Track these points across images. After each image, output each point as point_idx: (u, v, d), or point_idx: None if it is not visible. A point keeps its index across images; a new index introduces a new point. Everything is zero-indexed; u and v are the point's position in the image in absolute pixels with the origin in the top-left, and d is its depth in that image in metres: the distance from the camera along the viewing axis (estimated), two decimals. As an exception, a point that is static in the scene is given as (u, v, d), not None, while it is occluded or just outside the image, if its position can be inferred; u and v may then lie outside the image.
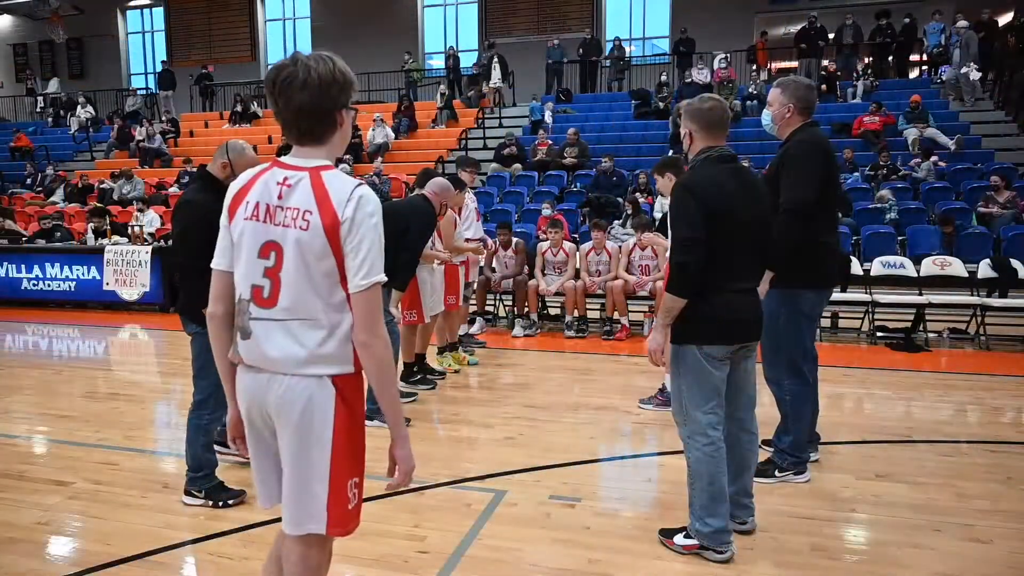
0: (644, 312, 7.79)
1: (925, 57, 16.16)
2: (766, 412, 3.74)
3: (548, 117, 15.58)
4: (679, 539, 3.07)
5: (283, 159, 1.86)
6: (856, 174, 11.74)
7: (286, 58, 1.79)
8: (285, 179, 1.80)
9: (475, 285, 7.85)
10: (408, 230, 4.60)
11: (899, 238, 9.50)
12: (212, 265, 1.92)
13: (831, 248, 3.75)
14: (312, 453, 1.79)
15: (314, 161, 1.82)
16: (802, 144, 3.59)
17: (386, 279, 1.82)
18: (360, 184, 1.79)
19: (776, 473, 3.81)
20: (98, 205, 12.88)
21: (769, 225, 3.07)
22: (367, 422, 2.01)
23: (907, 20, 15.57)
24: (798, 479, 3.82)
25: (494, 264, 8.18)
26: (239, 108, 18.07)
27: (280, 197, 1.79)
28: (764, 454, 3.83)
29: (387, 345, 1.79)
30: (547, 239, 8.10)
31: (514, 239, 8.25)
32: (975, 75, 13.77)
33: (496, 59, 16.86)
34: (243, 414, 1.91)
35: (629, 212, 10.74)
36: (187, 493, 3.63)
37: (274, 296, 1.78)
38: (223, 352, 1.94)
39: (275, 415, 1.82)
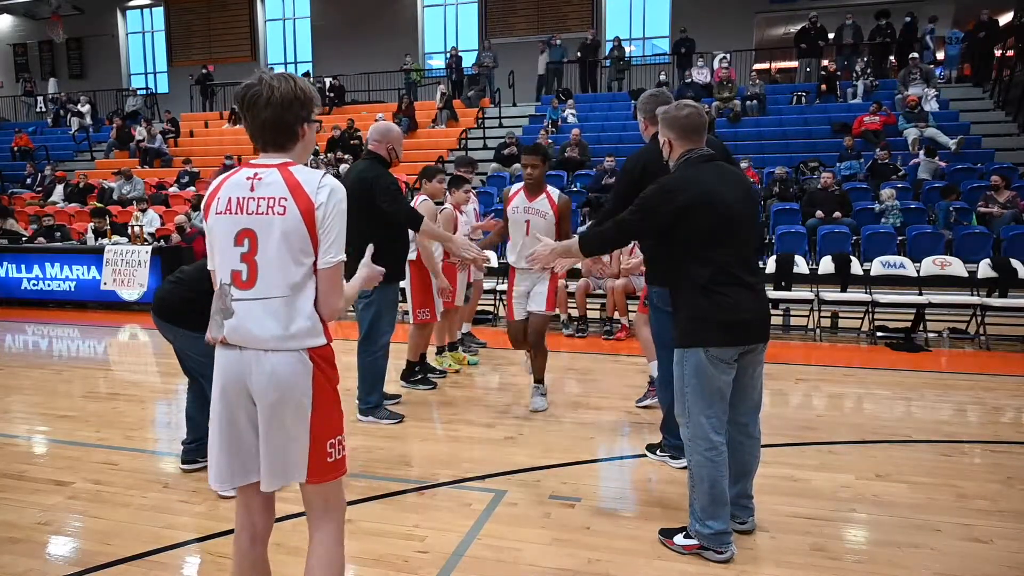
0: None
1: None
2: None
3: (571, 117, 15.53)
4: (679, 539, 3.07)
5: (251, 161, 2.07)
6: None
7: (253, 77, 2.01)
8: (256, 174, 2.00)
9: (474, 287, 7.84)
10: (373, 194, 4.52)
11: (899, 238, 9.50)
12: (208, 267, 2.11)
13: None
14: (294, 419, 1.99)
15: (280, 159, 2.03)
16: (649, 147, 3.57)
17: (345, 258, 2.03)
18: (326, 174, 2.01)
19: (658, 452, 4.14)
20: (98, 205, 12.89)
21: (755, 222, 3.06)
22: (362, 418, 2.03)
23: (907, 20, 15.56)
24: (675, 464, 4.02)
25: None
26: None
27: (252, 189, 1.98)
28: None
29: (343, 299, 2.08)
30: None
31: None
32: (933, 97, 13.75)
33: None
34: (218, 390, 2.04)
35: None
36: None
37: (252, 278, 1.98)
38: None
39: (257, 389, 1.99)
